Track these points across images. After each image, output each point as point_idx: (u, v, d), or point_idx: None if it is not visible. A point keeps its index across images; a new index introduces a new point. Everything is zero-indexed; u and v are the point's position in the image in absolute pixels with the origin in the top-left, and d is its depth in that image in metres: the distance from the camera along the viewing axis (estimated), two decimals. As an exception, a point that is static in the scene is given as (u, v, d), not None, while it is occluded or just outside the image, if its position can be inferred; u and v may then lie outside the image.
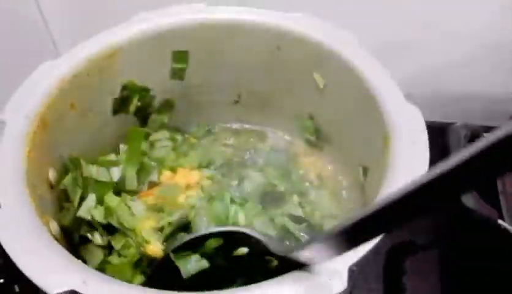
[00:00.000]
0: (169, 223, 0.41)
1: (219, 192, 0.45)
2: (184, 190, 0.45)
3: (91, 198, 0.41)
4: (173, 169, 0.48)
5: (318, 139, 0.52)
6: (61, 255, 0.30)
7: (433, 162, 0.34)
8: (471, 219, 0.48)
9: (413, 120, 0.38)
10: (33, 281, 0.28)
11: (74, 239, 0.41)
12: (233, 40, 0.49)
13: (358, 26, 0.45)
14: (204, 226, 0.40)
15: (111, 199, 0.41)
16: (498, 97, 0.64)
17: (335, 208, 0.49)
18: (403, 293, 0.52)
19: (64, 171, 0.42)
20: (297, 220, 0.46)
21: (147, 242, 0.39)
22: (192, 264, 0.36)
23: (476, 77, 0.64)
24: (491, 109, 0.64)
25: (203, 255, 0.37)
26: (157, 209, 0.42)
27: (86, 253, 0.41)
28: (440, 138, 0.35)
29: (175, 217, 0.41)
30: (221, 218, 0.42)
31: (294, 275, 0.29)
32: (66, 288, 0.28)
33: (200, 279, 0.36)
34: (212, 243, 0.36)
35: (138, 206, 0.42)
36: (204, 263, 0.36)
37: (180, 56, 0.50)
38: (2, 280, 0.50)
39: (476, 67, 0.62)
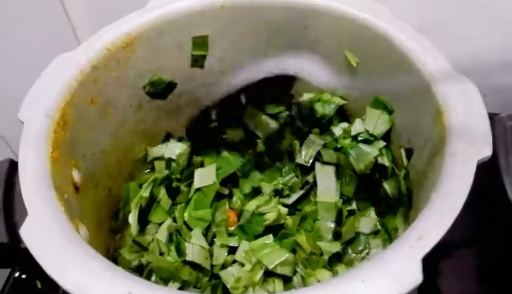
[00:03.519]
0: None
1: None
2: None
3: None
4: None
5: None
6: (102, 264, 0.27)
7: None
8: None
9: (467, 93, 0.35)
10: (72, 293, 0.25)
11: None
12: (256, 22, 0.46)
13: (390, 7, 0.42)
14: None
15: None
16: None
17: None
18: (439, 295, 0.49)
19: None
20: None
21: None
22: None
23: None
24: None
25: None
26: None
27: None
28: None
29: None
30: None
31: (366, 270, 0.26)
32: (110, 300, 0.25)
33: None
34: None
35: None
36: None
37: (200, 42, 0.47)
38: (24, 276, 0.47)
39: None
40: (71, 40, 0.59)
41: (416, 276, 0.25)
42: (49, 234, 0.28)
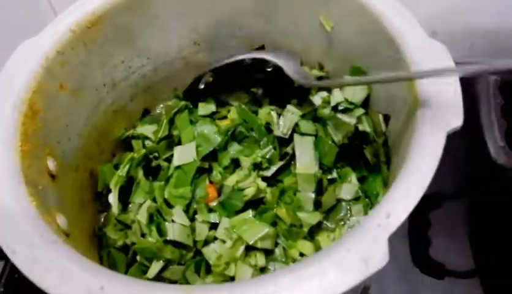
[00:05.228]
0: None
1: None
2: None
3: None
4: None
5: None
6: (73, 259, 0.27)
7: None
8: (502, 175, 0.45)
9: (439, 59, 0.34)
10: (46, 291, 0.26)
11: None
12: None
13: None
14: None
15: None
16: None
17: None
18: (429, 246, 0.50)
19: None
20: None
21: None
22: None
23: (509, 12, 0.57)
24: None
25: None
26: None
27: None
28: (467, 85, 0.31)
29: None
30: None
31: (335, 251, 0.26)
32: (83, 295, 0.26)
33: None
34: None
35: None
36: None
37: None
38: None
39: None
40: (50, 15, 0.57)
41: (382, 256, 0.26)
42: (21, 233, 0.28)
